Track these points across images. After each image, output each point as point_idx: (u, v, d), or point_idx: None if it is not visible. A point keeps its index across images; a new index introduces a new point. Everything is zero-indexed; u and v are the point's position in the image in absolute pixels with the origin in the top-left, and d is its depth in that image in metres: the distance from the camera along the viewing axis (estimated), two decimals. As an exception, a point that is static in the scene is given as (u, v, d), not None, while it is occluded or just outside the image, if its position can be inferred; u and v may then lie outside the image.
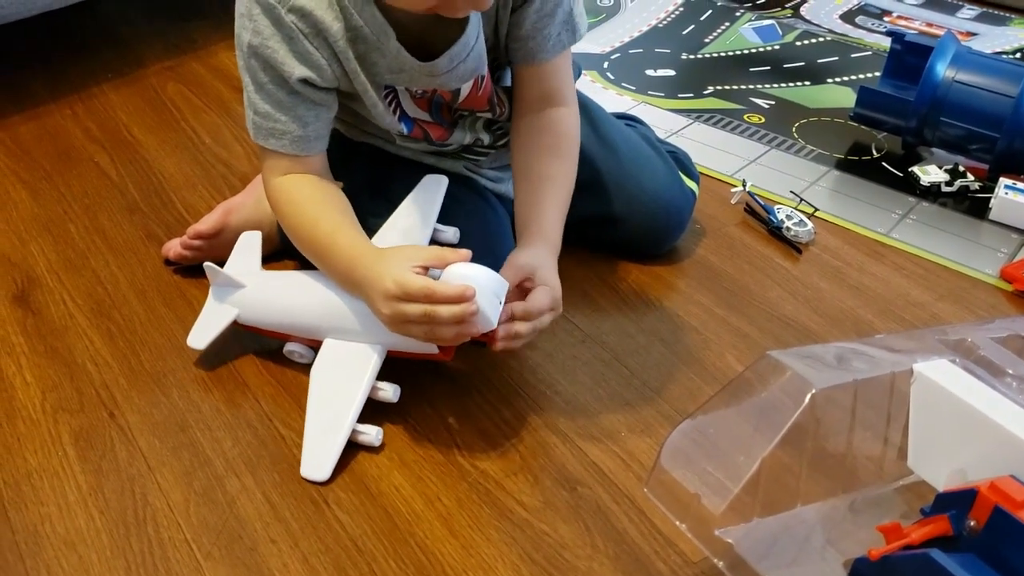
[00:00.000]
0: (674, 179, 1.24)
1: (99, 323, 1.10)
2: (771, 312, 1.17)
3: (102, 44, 1.73)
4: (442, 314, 0.87)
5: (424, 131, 1.09)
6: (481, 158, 1.16)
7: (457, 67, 1.01)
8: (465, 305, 0.87)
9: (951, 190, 1.44)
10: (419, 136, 1.09)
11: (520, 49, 1.05)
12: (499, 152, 1.17)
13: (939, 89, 1.45)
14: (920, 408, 0.84)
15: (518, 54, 1.05)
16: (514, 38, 1.04)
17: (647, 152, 1.24)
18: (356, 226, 0.99)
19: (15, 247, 1.22)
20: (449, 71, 1.01)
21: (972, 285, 1.25)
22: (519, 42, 1.04)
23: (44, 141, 1.45)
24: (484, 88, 1.07)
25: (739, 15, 1.99)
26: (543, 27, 1.03)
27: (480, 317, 0.88)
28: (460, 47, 0.99)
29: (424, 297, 0.87)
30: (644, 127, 1.34)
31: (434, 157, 1.15)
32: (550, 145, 1.06)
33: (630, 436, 0.98)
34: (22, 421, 0.98)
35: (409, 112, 1.07)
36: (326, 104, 1.01)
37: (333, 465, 0.92)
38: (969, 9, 2.15)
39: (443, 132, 1.10)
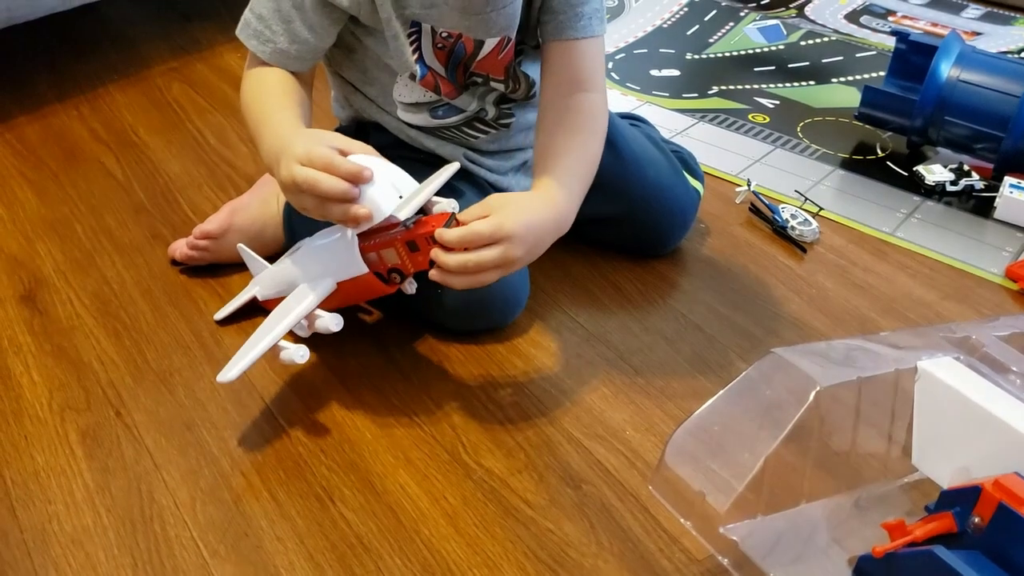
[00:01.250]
0: (678, 179, 1.24)
1: (106, 322, 1.11)
2: (776, 311, 1.17)
3: (107, 45, 1.73)
4: (323, 183, 0.87)
5: (436, 81, 1.08)
6: (482, 136, 1.15)
7: (490, 13, 1.01)
8: (347, 187, 0.87)
9: (956, 189, 1.44)
10: (430, 85, 1.09)
11: (551, 22, 1.06)
12: (500, 133, 1.17)
13: (944, 89, 1.45)
14: (924, 405, 0.84)
15: (549, 26, 1.06)
16: (547, 10, 1.05)
17: (651, 152, 1.24)
18: (300, 113, 1.00)
19: (22, 247, 1.22)
20: (482, 14, 1.01)
21: (977, 284, 1.25)
22: (551, 14, 1.05)
23: (50, 141, 1.45)
24: (506, 53, 1.07)
25: (743, 15, 1.99)
26: (576, 4, 1.05)
27: (367, 201, 0.88)
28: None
29: (323, 166, 0.87)
30: (648, 127, 1.34)
31: (435, 140, 1.14)
32: (573, 124, 1.05)
33: (635, 434, 0.98)
34: (29, 420, 0.98)
35: (427, 59, 1.07)
36: (325, 32, 1.03)
37: (240, 371, 0.92)
38: (974, 8, 2.15)
39: (452, 89, 1.09)
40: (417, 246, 0.93)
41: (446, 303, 1.07)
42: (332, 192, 0.87)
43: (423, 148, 1.14)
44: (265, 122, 0.98)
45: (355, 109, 1.16)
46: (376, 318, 1.12)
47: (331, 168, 0.87)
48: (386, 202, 0.90)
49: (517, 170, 1.19)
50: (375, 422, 0.99)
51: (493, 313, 1.10)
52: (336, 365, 1.06)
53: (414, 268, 0.95)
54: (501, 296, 1.08)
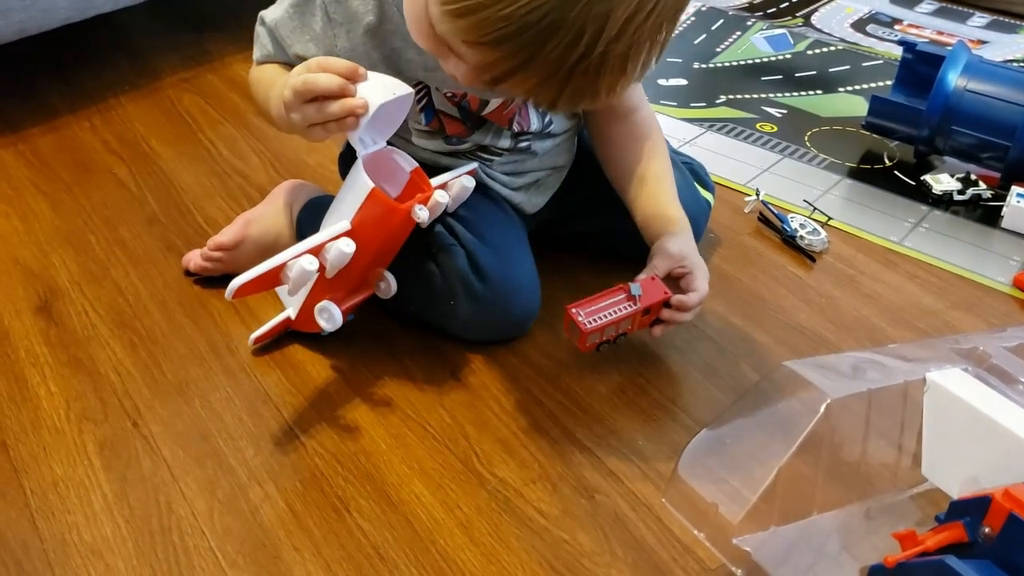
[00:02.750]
0: (688, 191, 1.25)
1: (121, 334, 1.12)
2: (786, 321, 1.18)
3: (118, 56, 1.75)
4: (320, 80, 0.90)
5: (441, 124, 1.09)
6: (496, 158, 1.16)
7: None
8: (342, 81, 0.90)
9: (963, 198, 1.44)
10: (435, 127, 1.10)
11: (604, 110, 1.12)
12: (516, 158, 1.18)
13: (951, 98, 1.46)
14: (933, 416, 0.85)
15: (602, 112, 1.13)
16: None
17: None
18: None
19: (37, 259, 1.23)
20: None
21: (985, 293, 1.26)
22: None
23: (63, 153, 1.46)
24: (510, 109, 1.08)
25: (750, 24, 2.00)
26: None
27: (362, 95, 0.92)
28: None
29: (317, 67, 0.91)
30: None
31: (449, 158, 1.15)
32: (651, 147, 1.13)
33: (647, 444, 0.99)
34: (47, 431, 0.99)
35: (436, 104, 1.08)
36: None
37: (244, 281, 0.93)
38: (980, 17, 2.16)
39: (462, 129, 1.11)
40: (649, 311, 1.05)
41: (460, 315, 1.08)
42: (329, 87, 0.90)
43: (439, 166, 1.15)
44: (272, 85, 1.01)
45: None
46: (390, 329, 1.13)
47: (325, 66, 0.91)
48: (379, 95, 0.92)
49: (528, 187, 1.20)
50: (389, 432, 1.00)
51: (506, 324, 1.11)
52: (350, 375, 1.07)
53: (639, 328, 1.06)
54: (514, 307, 1.09)
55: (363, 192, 0.96)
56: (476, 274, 1.07)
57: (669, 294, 1.05)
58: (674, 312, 1.04)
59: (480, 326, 1.09)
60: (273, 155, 1.45)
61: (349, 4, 0.99)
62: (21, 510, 0.90)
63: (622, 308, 1.03)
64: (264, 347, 1.10)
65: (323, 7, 1.00)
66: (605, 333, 1.03)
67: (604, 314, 1.02)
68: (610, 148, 1.14)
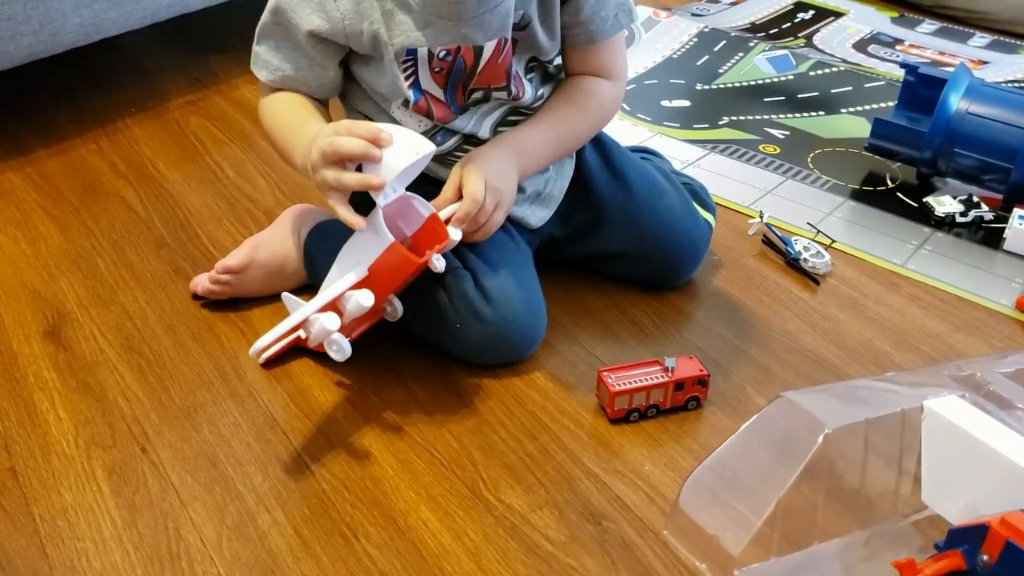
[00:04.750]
0: (689, 212, 1.25)
1: (129, 358, 1.12)
2: (790, 344, 1.19)
3: (125, 78, 1.76)
4: (344, 144, 0.94)
5: (428, 106, 1.09)
6: None
7: (483, 15, 1.03)
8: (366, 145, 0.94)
9: (965, 220, 1.45)
10: (422, 111, 1.10)
11: (581, 34, 1.11)
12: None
13: (953, 121, 1.47)
14: (931, 443, 0.85)
15: (579, 39, 1.11)
16: (573, 24, 1.10)
17: (662, 185, 1.26)
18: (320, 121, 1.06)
19: (45, 282, 1.24)
20: (476, 16, 1.02)
21: (988, 316, 1.26)
22: (579, 27, 1.10)
23: (70, 176, 1.47)
24: (504, 56, 1.08)
25: (752, 45, 2.01)
26: (600, 8, 1.09)
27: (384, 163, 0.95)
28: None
29: (344, 130, 0.96)
30: (660, 159, 1.36)
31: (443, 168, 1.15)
32: (568, 95, 1.14)
33: (653, 470, 1.00)
34: (56, 456, 0.99)
35: (423, 84, 1.08)
36: (329, 60, 1.08)
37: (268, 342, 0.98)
38: (980, 37, 2.18)
39: (448, 113, 1.11)
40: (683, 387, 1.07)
41: (466, 337, 1.08)
42: (352, 151, 0.94)
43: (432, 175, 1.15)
44: (295, 133, 1.05)
45: None
46: (396, 353, 1.14)
47: (351, 130, 0.95)
48: (401, 159, 0.95)
49: (533, 200, 1.20)
50: (396, 458, 1.00)
51: (512, 347, 1.11)
52: (357, 401, 1.07)
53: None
54: (519, 330, 1.10)
55: (382, 244, 0.98)
56: (482, 297, 1.07)
57: (705, 372, 1.07)
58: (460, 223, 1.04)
59: (486, 349, 1.10)
60: (280, 177, 1.46)
61: None
62: (31, 537, 0.91)
63: (654, 378, 1.05)
64: (271, 370, 1.10)
65: None
66: (635, 400, 1.04)
67: (635, 380, 1.04)
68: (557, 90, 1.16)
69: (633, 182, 1.22)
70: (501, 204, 1.06)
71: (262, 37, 1.09)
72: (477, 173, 1.04)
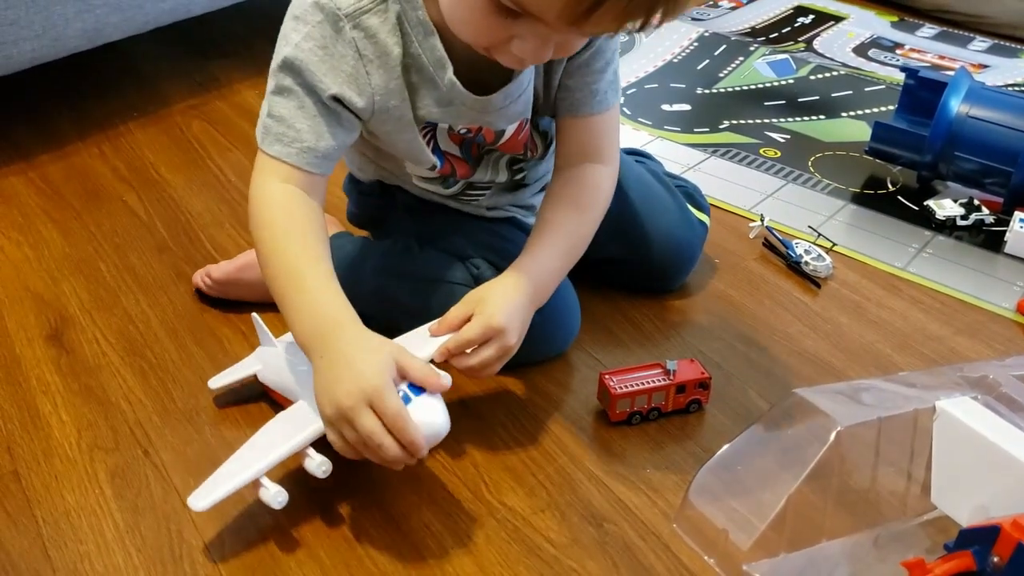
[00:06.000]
0: (684, 215, 1.25)
1: (132, 361, 1.12)
2: (792, 347, 1.19)
3: (127, 82, 1.76)
4: (388, 450, 0.83)
5: (452, 167, 1.10)
6: (480, 197, 1.16)
7: (509, 106, 1.02)
8: (404, 456, 0.85)
9: (966, 224, 1.45)
10: (447, 172, 1.10)
11: (567, 99, 1.06)
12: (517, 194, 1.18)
13: (953, 124, 1.47)
14: (943, 445, 0.85)
15: (564, 104, 1.07)
16: (563, 87, 1.06)
17: (657, 190, 1.26)
18: (330, 267, 0.94)
19: (48, 286, 1.24)
20: (501, 108, 1.02)
21: (989, 319, 1.26)
22: (566, 91, 1.06)
23: (73, 180, 1.47)
24: (524, 132, 1.08)
25: (753, 50, 2.02)
26: (592, 82, 1.05)
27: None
28: (515, 86, 1.01)
29: (390, 422, 0.83)
30: (653, 162, 1.36)
31: (456, 202, 1.16)
32: (575, 198, 1.06)
33: (655, 472, 1.00)
34: (59, 459, 1.00)
35: (442, 146, 1.07)
36: (348, 128, 0.98)
37: (212, 503, 0.87)
38: (980, 41, 2.18)
39: (468, 169, 1.11)
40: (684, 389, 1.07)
41: None
42: (392, 460, 0.85)
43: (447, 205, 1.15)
44: (293, 275, 0.92)
45: (375, 174, 1.17)
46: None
47: (399, 433, 0.83)
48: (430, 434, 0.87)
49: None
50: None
51: (554, 342, 1.13)
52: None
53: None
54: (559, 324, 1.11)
55: None
56: None
57: (706, 375, 1.07)
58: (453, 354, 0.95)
59: (527, 345, 1.04)
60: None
61: (379, 39, 0.95)
62: (33, 539, 0.91)
63: (655, 380, 1.05)
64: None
65: (353, 44, 0.94)
66: (636, 403, 1.05)
67: (637, 383, 1.04)
68: (553, 184, 1.09)
69: (631, 189, 1.22)
70: (504, 355, 0.97)
71: (280, 99, 0.96)
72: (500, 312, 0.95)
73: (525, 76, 1.02)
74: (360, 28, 0.94)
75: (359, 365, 0.84)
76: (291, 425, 0.93)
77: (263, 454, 0.91)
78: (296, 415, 0.95)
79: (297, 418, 0.94)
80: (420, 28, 0.95)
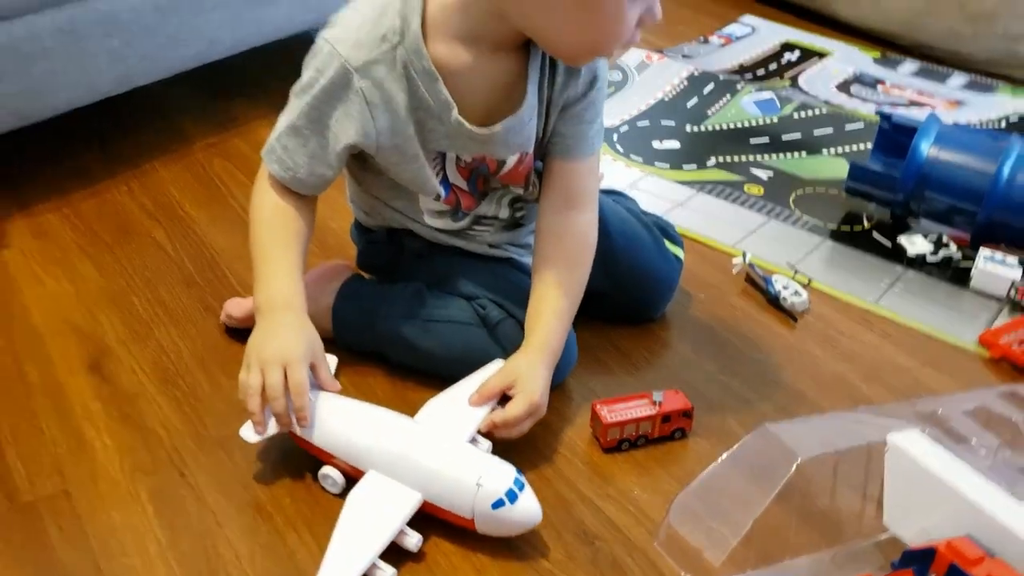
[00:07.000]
0: (661, 250, 1.37)
1: (166, 390, 1.23)
2: (770, 377, 1.30)
3: (150, 121, 1.87)
4: (279, 402, 1.05)
5: (457, 198, 1.21)
6: (485, 232, 1.27)
7: (510, 138, 1.14)
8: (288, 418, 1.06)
9: (935, 260, 1.56)
10: (451, 203, 1.21)
11: (559, 144, 1.19)
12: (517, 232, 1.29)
13: (923, 166, 1.58)
14: (893, 474, 0.96)
15: (556, 147, 1.20)
16: (556, 133, 1.19)
17: (635, 227, 1.36)
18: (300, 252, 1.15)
19: (86, 319, 1.35)
20: (503, 140, 1.14)
21: (953, 351, 1.37)
22: (559, 137, 1.19)
23: (105, 217, 1.58)
24: (525, 164, 1.20)
25: (739, 88, 2.13)
26: (584, 129, 1.18)
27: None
28: (516, 120, 1.13)
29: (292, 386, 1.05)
30: (628, 200, 1.46)
31: (461, 239, 1.27)
32: (568, 253, 1.20)
33: (642, 494, 1.11)
34: (104, 481, 1.10)
35: (450, 177, 1.19)
36: (336, 169, 1.15)
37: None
38: (958, 77, 2.29)
39: (472, 201, 1.22)
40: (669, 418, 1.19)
41: None
42: (278, 413, 1.06)
43: (452, 246, 1.26)
44: (266, 257, 1.14)
45: (385, 219, 1.28)
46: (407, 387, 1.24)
47: (295, 396, 1.06)
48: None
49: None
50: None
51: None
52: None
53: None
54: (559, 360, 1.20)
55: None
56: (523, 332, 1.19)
57: (690, 405, 1.18)
58: (498, 427, 1.10)
59: None
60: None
61: (385, 87, 1.09)
62: (86, 553, 1.02)
63: (643, 410, 1.16)
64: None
65: (361, 93, 1.09)
66: (625, 431, 1.16)
67: (626, 413, 1.16)
68: (543, 240, 1.20)
69: (612, 229, 1.31)
70: (535, 417, 1.13)
71: (291, 134, 1.13)
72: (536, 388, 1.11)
73: (526, 112, 1.14)
74: (368, 78, 1.09)
75: (289, 338, 1.08)
76: (390, 505, 1.02)
77: (375, 537, 0.99)
78: (387, 491, 1.03)
79: (391, 495, 1.03)
80: (426, 76, 1.09)
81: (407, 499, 1.02)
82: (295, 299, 1.12)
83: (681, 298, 1.43)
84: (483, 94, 1.12)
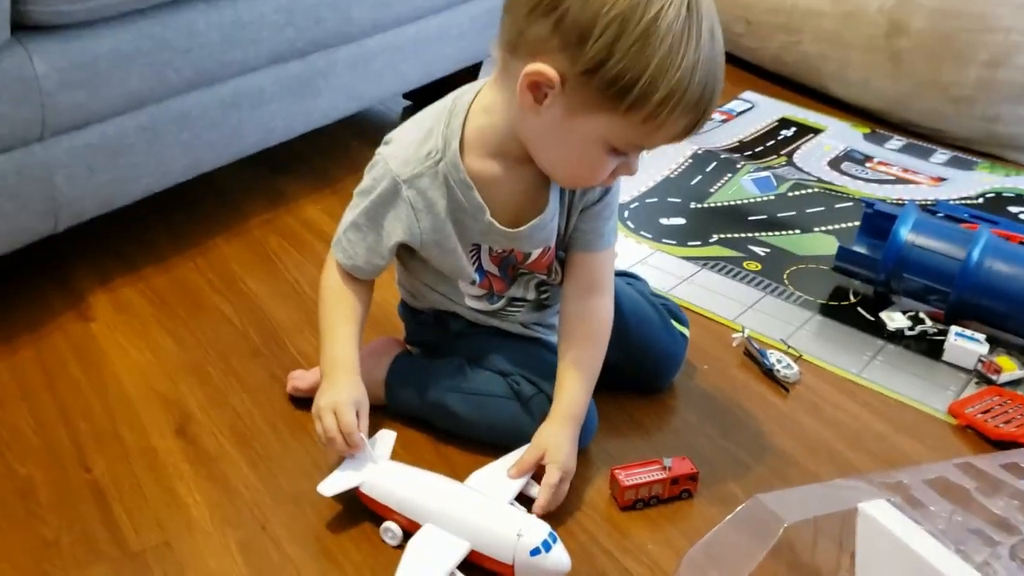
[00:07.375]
0: (668, 329, 1.56)
1: (244, 452, 1.42)
2: (764, 443, 1.49)
3: (211, 201, 2.04)
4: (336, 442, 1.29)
5: (490, 283, 1.42)
6: (517, 312, 1.47)
7: (535, 235, 1.35)
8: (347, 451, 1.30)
9: (912, 334, 1.76)
10: (485, 287, 1.42)
11: (579, 239, 1.40)
12: (543, 312, 1.49)
13: (902, 251, 1.78)
14: (864, 538, 1.16)
15: (577, 242, 1.40)
16: (577, 229, 1.39)
17: (645, 308, 1.56)
18: (358, 329, 1.37)
19: (169, 388, 1.55)
20: (529, 238, 1.35)
21: (926, 420, 1.57)
22: (579, 232, 1.39)
23: (176, 292, 1.77)
24: (548, 256, 1.40)
25: (740, 167, 2.33)
26: (601, 226, 1.39)
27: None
28: (540, 222, 1.34)
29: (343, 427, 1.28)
30: (641, 282, 1.66)
31: (497, 319, 1.47)
32: (588, 333, 1.40)
33: (655, 548, 1.30)
34: (199, 533, 1.29)
35: (484, 265, 1.40)
36: (389, 260, 1.36)
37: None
38: (941, 153, 2.49)
39: (503, 285, 1.43)
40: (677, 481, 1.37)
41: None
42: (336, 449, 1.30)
43: (490, 325, 1.47)
44: (330, 329, 1.37)
45: (430, 302, 1.48)
46: (450, 453, 1.44)
47: (346, 436, 1.29)
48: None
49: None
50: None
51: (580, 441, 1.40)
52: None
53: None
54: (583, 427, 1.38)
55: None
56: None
57: (695, 470, 1.36)
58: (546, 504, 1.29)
59: None
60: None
61: (427, 195, 1.31)
62: (189, 597, 1.21)
63: (655, 474, 1.36)
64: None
65: (408, 201, 1.31)
66: (640, 492, 1.35)
67: (641, 477, 1.35)
68: (566, 322, 1.40)
69: (624, 307, 1.49)
70: (568, 478, 1.32)
71: (353, 229, 1.34)
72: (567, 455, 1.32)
73: (548, 215, 1.34)
74: (414, 187, 1.31)
75: (339, 390, 1.31)
76: (443, 552, 1.21)
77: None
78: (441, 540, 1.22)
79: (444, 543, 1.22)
80: (463, 185, 1.30)
81: (458, 547, 1.22)
82: (350, 364, 1.34)
83: (687, 369, 1.63)
84: (512, 199, 1.33)
